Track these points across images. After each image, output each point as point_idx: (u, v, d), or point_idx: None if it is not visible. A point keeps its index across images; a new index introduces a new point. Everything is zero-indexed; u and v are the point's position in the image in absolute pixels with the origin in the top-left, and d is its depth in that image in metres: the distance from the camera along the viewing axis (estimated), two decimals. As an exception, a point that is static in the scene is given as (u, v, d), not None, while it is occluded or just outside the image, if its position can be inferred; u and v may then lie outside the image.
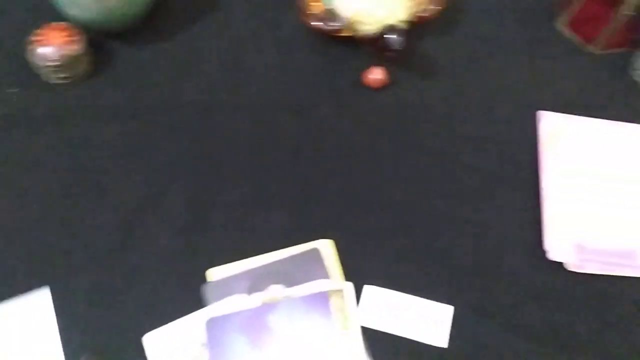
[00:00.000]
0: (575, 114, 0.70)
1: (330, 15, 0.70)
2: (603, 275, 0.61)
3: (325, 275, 0.58)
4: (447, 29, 0.75)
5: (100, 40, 0.71)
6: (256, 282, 0.58)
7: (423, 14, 0.71)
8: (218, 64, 0.72)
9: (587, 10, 0.74)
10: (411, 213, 0.64)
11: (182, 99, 0.69)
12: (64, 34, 0.66)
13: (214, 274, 0.58)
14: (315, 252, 0.60)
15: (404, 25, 0.69)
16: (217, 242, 0.60)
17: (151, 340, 0.54)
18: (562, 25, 0.77)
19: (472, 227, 0.63)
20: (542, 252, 0.61)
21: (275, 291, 0.57)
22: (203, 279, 0.58)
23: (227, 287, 0.57)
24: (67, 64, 0.66)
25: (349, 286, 0.58)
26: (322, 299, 0.57)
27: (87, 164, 0.64)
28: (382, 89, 0.71)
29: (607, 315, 0.59)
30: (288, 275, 0.58)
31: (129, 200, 0.63)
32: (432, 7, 0.71)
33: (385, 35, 0.67)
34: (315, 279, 0.58)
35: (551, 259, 0.61)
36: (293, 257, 0.59)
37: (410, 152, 0.67)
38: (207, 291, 0.57)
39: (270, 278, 0.58)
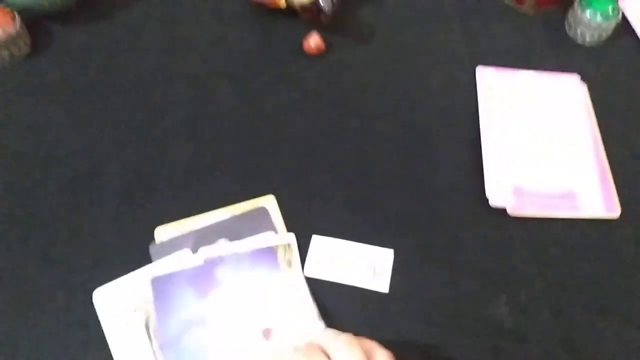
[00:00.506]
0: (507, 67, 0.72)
1: (265, -14, 0.71)
2: (544, 218, 0.61)
3: (271, 228, 0.58)
4: (381, -3, 0.77)
5: (37, 22, 0.71)
6: (202, 239, 0.57)
7: (355, -20, 0.72)
8: (157, 39, 0.72)
9: (515, -30, 0.76)
10: (354, 169, 0.64)
11: (122, 74, 0.69)
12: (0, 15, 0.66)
13: (161, 232, 0.57)
14: (262, 209, 0.60)
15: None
16: (163, 204, 0.60)
17: (100, 296, 0.54)
18: (494, -11, 0.79)
19: (415, 179, 0.64)
20: (484, 200, 0.62)
21: (222, 246, 0.57)
22: (151, 238, 0.57)
23: (174, 245, 0.57)
24: (4, 44, 0.66)
25: (293, 237, 0.58)
26: (269, 252, 0.57)
27: (31, 139, 0.64)
28: (320, 55, 0.71)
29: (547, 255, 0.60)
30: (235, 232, 0.58)
31: (74, 169, 0.62)
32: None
33: (316, 1, 0.68)
34: (261, 232, 0.58)
35: (493, 206, 0.62)
36: (239, 215, 0.59)
37: (351, 113, 0.68)
38: (153, 249, 0.56)
39: (216, 235, 0.58)
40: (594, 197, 0.63)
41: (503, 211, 0.61)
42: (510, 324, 0.55)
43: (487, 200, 0.62)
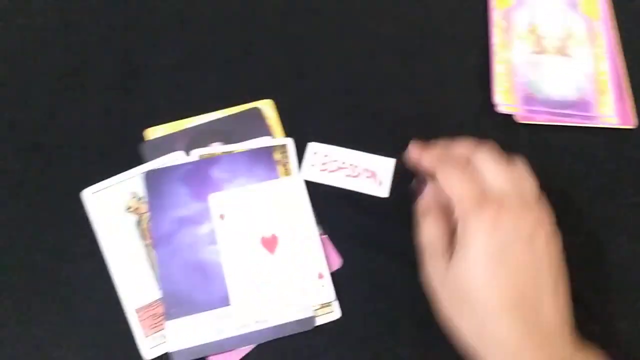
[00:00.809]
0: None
1: None
2: (554, 126, 0.59)
3: (267, 133, 0.57)
4: None
5: None
6: (195, 140, 0.56)
7: None
8: None
9: None
10: (356, 74, 0.61)
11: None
12: None
13: (152, 133, 0.56)
14: (256, 111, 0.58)
15: None
16: (154, 104, 0.58)
17: (90, 195, 0.53)
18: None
19: (420, 84, 0.61)
20: (492, 106, 0.59)
21: (216, 148, 0.56)
22: (141, 139, 0.56)
23: (166, 145, 0.56)
24: None
25: (291, 141, 0.56)
26: (265, 153, 0.55)
27: (22, 33, 0.62)
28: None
29: (555, 163, 0.58)
30: (228, 133, 0.56)
31: (63, 66, 0.60)
32: None
33: None
34: (256, 137, 0.56)
35: (500, 112, 0.59)
36: (233, 116, 0.57)
37: (355, 15, 0.64)
38: (145, 149, 0.55)
39: (210, 136, 0.56)
40: (609, 107, 0.60)
41: (511, 118, 0.59)
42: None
43: (494, 106, 0.59)
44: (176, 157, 0.55)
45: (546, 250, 0.43)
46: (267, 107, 0.58)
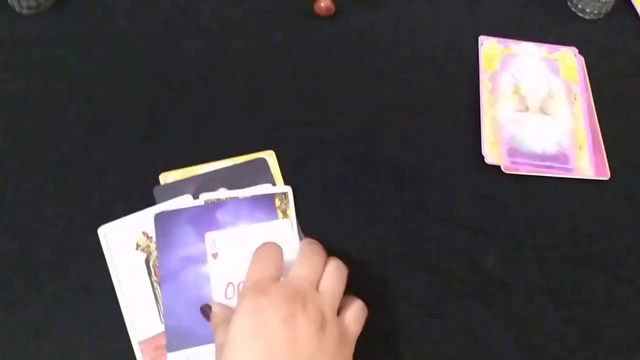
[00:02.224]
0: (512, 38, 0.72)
1: (280, -52, 0.72)
2: (537, 176, 0.63)
3: (269, 181, 0.60)
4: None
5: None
6: (203, 185, 0.59)
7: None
8: (175, -4, 0.73)
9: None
10: (354, 125, 0.65)
11: (139, 28, 0.70)
12: (27, -35, 0.67)
13: (165, 177, 0.59)
14: (261, 161, 0.61)
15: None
16: (170, 151, 0.61)
17: (105, 232, 0.55)
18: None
19: (414, 136, 0.65)
20: (481, 157, 0.63)
21: (221, 193, 0.58)
22: (156, 182, 0.59)
23: (176, 189, 0.58)
24: (31, -7, 0.67)
25: (290, 189, 0.59)
26: (267, 200, 0.58)
27: (53, 83, 0.65)
28: (330, 17, 0.72)
29: (538, 211, 0.61)
30: (234, 180, 0.59)
31: (90, 113, 0.63)
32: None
33: (329, -38, 0.69)
34: (259, 184, 0.59)
35: (488, 163, 0.63)
36: (240, 165, 0.61)
37: (354, 72, 0.69)
38: (157, 192, 0.58)
39: (217, 182, 0.59)
40: (585, 161, 0.63)
41: (498, 169, 0.62)
42: (497, 273, 0.57)
43: (483, 158, 0.63)
44: (185, 201, 0.57)
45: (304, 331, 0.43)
46: (270, 157, 0.61)
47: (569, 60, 0.71)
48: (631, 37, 0.75)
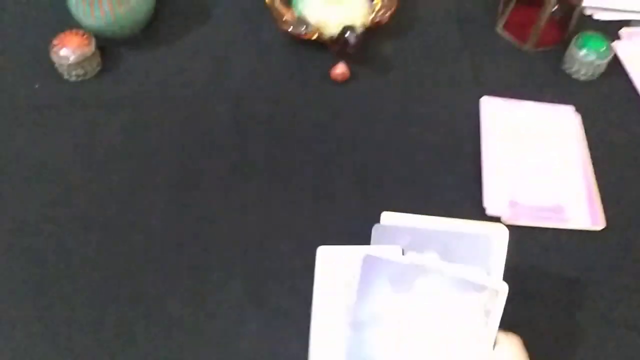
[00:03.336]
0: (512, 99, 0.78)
1: (300, 21, 0.79)
2: (535, 227, 0.67)
3: (486, 265, 0.53)
4: (400, 32, 0.84)
5: (108, 44, 0.80)
6: (417, 241, 0.56)
7: (377, 20, 0.80)
8: (206, 64, 0.80)
9: (518, 14, 0.83)
10: (368, 176, 0.71)
11: (175, 94, 0.78)
12: (79, 38, 0.76)
13: (386, 217, 0.59)
14: (484, 238, 0.54)
15: (360, 28, 0.78)
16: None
17: (323, 253, 0.57)
18: (500, 30, 0.86)
19: (421, 189, 0.70)
20: (482, 209, 0.68)
21: (430, 259, 0.54)
22: (377, 220, 0.59)
23: (390, 234, 0.57)
24: (81, 63, 0.75)
25: (505, 290, 0.50)
26: (473, 289, 0.51)
27: (98, 144, 0.73)
28: (345, 82, 0.79)
29: (536, 260, 0.65)
30: (447, 249, 0.54)
31: (132, 170, 0.71)
32: (384, 12, 0.80)
33: (344, 34, 0.76)
34: (473, 264, 0.53)
35: (490, 214, 0.68)
36: (459, 233, 0.56)
37: (367, 132, 0.75)
38: (374, 231, 0.58)
39: (430, 243, 0.55)
40: (581, 211, 0.68)
41: (498, 220, 0.67)
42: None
43: (484, 209, 0.68)
44: (394, 251, 0.55)
45: None
46: (499, 234, 0.53)
47: (566, 116, 0.76)
48: (623, 95, 0.80)
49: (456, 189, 0.70)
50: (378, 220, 0.68)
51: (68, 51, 0.75)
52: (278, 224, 0.67)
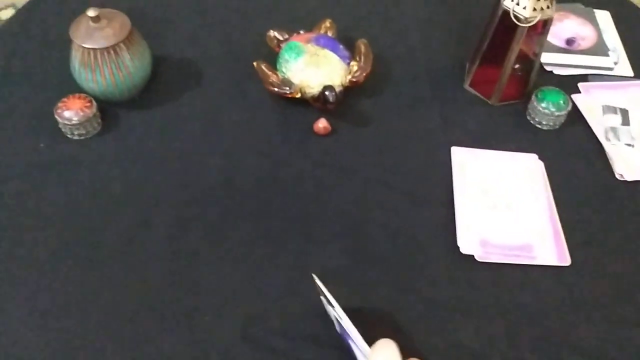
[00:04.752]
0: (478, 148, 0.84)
1: (284, 82, 0.86)
2: (506, 264, 0.72)
3: None
4: (375, 90, 0.91)
5: (108, 106, 0.86)
6: None
7: (354, 80, 0.87)
8: (199, 123, 0.86)
9: (484, 72, 0.90)
10: (346, 224, 0.76)
11: (170, 150, 0.83)
12: (82, 101, 0.82)
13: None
14: None
15: (338, 88, 0.84)
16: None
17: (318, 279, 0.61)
18: (467, 86, 0.93)
19: (398, 231, 0.75)
20: (456, 248, 0.73)
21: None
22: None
23: None
24: (83, 123, 0.81)
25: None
26: None
27: (99, 198, 0.77)
28: (327, 135, 0.85)
29: (508, 294, 0.69)
30: None
31: (128, 220, 0.75)
32: (360, 73, 0.87)
33: (324, 92, 0.83)
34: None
35: (463, 253, 0.72)
36: None
37: (348, 180, 0.81)
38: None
39: None
40: (548, 249, 0.73)
41: (472, 258, 0.72)
42: (474, 346, 0.65)
43: (458, 248, 0.72)
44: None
45: None
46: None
47: (530, 163, 0.83)
48: (584, 143, 0.86)
49: (431, 230, 0.75)
50: (359, 259, 0.73)
51: (71, 113, 0.81)
52: (266, 265, 0.71)
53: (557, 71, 0.96)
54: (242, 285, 0.70)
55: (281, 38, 0.93)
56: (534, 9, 0.79)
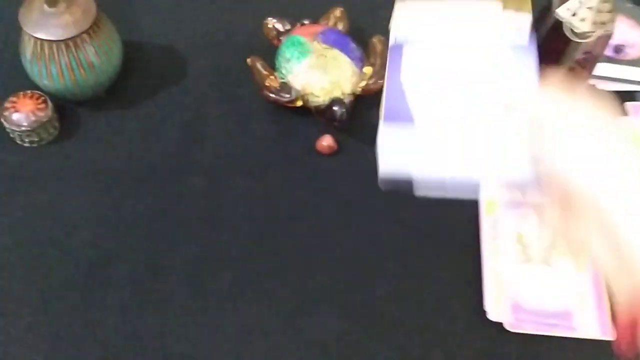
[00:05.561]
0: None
1: (284, 88, 0.71)
2: (540, 335, 0.60)
3: None
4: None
5: (67, 106, 0.71)
6: None
7: (367, 87, 0.72)
8: (178, 131, 0.71)
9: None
10: (354, 270, 0.63)
11: (143, 163, 0.68)
12: (34, 101, 0.66)
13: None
14: None
15: (348, 98, 0.70)
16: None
17: None
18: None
19: (412, 285, 0.62)
20: (483, 312, 0.60)
21: None
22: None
23: None
24: (36, 128, 0.65)
25: None
26: None
27: (51, 224, 0.64)
28: (332, 154, 0.71)
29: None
30: None
31: (91, 255, 0.62)
32: (375, 81, 0.72)
33: (332, 107, 0.68)
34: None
35: (491, 319, 0.60)
36: None
37: (355, 212, 0.67)
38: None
39: None
40: (590, 319, 0.61)
41: (500, 325, 0.60)
42: None
43: (484, 312, 0.60)
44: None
45: None
46: None
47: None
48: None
49: (453, 285, 0.62)
50: (365, 323, 0.60)
51: (21, 116, 0.65)
52: (250, 329, 0.59)
53: (601, 85, 0.82)
54: (219, 355, 0.57)
55: (282, 29, 0.77)
56: (594, 23, 0.64)
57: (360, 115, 0.73)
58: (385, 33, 0.76)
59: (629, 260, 0.36)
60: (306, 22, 0.77)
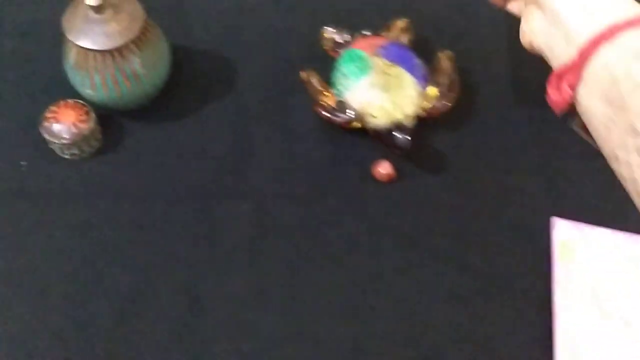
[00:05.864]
0: (593, 223, 0.62)
1: (340, 106, 0.65)
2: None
3: None
4: (457, 126, 0.68)
5: (111, 117, 0.66)
6: None
7: (432, 110, 0.65)
8: (225, 148, 0.66)
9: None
10: (408, 319, 0.57)
11: (187, 182, 0.64)
12: (76, 112, 0.62)
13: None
14: None
15: (411, 123, 0.63)
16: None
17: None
18: (578, 127, 0.70)
19: (476, 340, 0.56)
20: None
21: None
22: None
23: None
24: (77, 141, 0.62)
25: None
26: None
27: (88, 244, 0.60)
28: (390, 182, 0.65)
29: None
30: None
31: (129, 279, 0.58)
32: (441, 103, 0.65)
33: (393, 133, 0.62)
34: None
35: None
36: None
37: (413, 250, 0.61)
38: None
39: None
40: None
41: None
42: None
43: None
44: None
45: None
46: None
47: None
48: None
49: (517, 342, 0.56)
50: None
51: (62, 128, 0.61)
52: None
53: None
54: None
55: (340, 40, 0.70)
56: None
57: (422, 138, 0.67)
58: (451, 46, 0.69)
59: (565, 31, 0.43)
60: (367, 33, 0.71)
